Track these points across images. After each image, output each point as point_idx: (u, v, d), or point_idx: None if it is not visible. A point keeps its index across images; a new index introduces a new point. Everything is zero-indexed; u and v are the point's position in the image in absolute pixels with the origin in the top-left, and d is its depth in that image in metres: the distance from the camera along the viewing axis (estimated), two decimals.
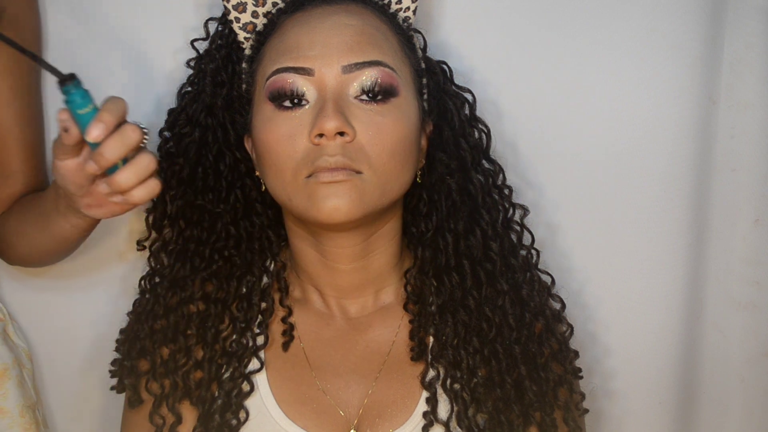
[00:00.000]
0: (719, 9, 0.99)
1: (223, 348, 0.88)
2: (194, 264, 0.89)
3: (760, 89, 1.00)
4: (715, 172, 1.03)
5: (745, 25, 0.99)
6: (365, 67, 0.80)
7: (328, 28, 0.81)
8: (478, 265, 0.88)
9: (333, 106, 0.78)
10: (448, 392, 0.86)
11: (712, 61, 1.00)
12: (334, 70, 0.79)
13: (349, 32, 0.81)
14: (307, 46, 0.81)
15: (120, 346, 0.91)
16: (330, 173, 0.78)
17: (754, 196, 1.03)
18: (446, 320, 0.87)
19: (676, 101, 1.01)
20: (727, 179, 1.03)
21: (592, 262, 1.05)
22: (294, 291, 0.92)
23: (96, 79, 0.96)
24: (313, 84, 0.80)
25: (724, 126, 1.01)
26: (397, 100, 0.81)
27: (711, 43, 1.00)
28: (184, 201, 0.90)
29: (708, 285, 1.06)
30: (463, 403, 0.85)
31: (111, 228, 1.01)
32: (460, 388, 0.86)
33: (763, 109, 1.00)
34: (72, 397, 1.05)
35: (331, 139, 0.77)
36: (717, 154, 1.02)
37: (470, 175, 0.90)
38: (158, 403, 0.87)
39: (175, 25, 0.97)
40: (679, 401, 1.07)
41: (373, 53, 0.80)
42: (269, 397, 0.87)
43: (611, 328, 1.06)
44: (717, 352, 1.07)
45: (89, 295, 1.04)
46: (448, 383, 0.86)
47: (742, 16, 0.99)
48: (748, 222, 1.03)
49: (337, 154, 0.78)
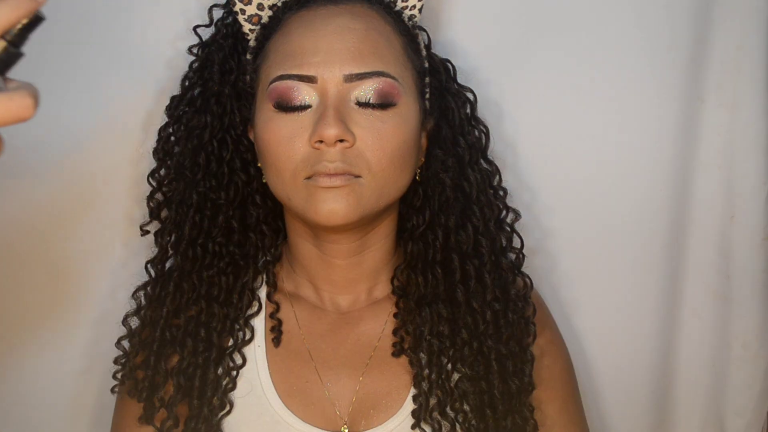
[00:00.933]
0: (710, 10, 1.00)
1: (219, 344, 0.89)
2: (195, 254, 0.89)
3: (748, 90, 1.02)
4: (702, 169, 1.05)
5: (735, 27, 1.00)
6: (366, 77, 0.80)
7: (332, 32, 0.81)
8: (467, 260, 0.89)
9: (334, 113, 0.78)
10: (432, 386, 0.87)
11: (702, 61, 1.02)
12: (336, 77, 0.80)
13: (352, 38, 0.81)
14: (310, 51, 0.81)
15: (131, 350, 0.91)
16: (329, 178, 0.79)
17: (732, 194, 1.05)
18: (423, 313, 0.88)
19: (669, 101, 1.03)
20: (711, 176, 1.05)
21: (580, 260, 1.07)
22: (286, 284, 0.94)
23: (96, 66, 0.97)
24: (315, 90, 0.80)
25: (712, 124, 1.03)
26: (397, 106, 0.82)
27: (702, 44, 1.02)
28: (185, 186, 0.90)
29: (688, 276, 1.09)
30: (447, 395, 0.87)
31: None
32: (442, 381, 0.87)
33: (751, 109, 1.02)
34: (70, 397, 1.06)
35: (331, 145, 0.78)
36: (703, 152, 1.05)
37: (466, 173, 0.91)
38: (167, 407, 0.88)
39: (176, 11, 0.96)
40: (656, 385, 1.11)
41: (375, 63, 0.81)
42: (270, 389, 0.89)
43: (599, 321, 1.09)
44: (693, 338, 1.10)
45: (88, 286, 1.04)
46: (433, 376, 0.87)
47: (732, 18, 1.00)
48: (725, 218, 1.06)
49: (337, 161, 0.79)
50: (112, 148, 0.99)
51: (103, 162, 0.99)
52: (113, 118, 0.98)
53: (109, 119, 0.99)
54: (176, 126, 0.92)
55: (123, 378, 0.90)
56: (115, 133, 0.99)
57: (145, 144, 0.97)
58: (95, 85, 0.98)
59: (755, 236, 1.05)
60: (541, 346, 0.93)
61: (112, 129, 0.99)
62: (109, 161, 0.99)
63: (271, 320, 0.91)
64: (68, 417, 1.05)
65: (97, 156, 0.99)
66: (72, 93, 0.97)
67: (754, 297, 1.07)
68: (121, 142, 0.99)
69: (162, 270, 0.91)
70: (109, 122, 0.99)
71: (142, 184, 0.94)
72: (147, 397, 0.88)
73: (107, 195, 1.00)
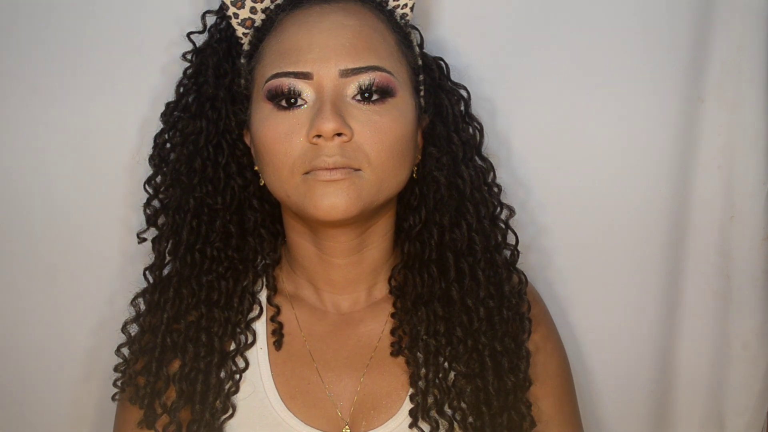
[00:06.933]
0: (710, 11, 1.00)
1: (221, 348, 0.89)
2: (194, 260, 0.89)
3: (748, 90, 1.01)
4: (701, 169, 1.05)
5: (735, 27, 1.00)
6: (362, 72, 0.80)
7: (327, 29, 0.81)
8: (462, 258, 0.89)
9: (331, 108, 0.78)
10: (429, 385, 0.87)
11: (702, 61, 1.01)
12: (331, 73, 0.80)
13: (347, 34, 0.81)
14: (305, 48, 0.81)
15: (131, 357, 0.91)
16: (328, 172, 0.79)
17: (732, 194, 1.05)
18: (419, 313, 0.89)
19: (667, 101, 1.02)
20: (711, 176, 1.05)
21: (575, 257, 1.07)
22: (287, 286, 0.94)
23: (90, 71, 0.97)
24: (311, 86, 0.80)
25: (712, 124, 1.03)
26: (394, 100, 0.82)
27: (702, 44, 1.01)
28: (181, 192, 0.90)
29: (688, 276, 1.09)
30: (444, 394, 0.87)
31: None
32: (438, 380, 0.87)
33: (751, 109, 1.02)
34: (70, 404, 1.06)
35: (329, 140, 0.78)
36: (703, 152, 1.04)
37: (460, 170, 0.90)
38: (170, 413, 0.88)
39: (170, 18, 0.96)
40: (656, 384, 1.11)
41: (370, 58, 0.81)
42: (272, 391, 0.89)
43: (596, 320, 1.09)
44: (693, 338, 1.10)
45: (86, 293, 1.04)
46: (430, 376, 0.88)
47: (732, 18, 0.99)
48: (725, 218, 1.05)
49: (336, 155, 0.78)
50: (107, 156, 0.99)
51: (98, 170, 0.99)
52: (108, 126, 0.98)
53: (104, 127, 0.99)
54: (171, 132, 0.92)
55: (123, 385, 0.90)
56: (110, 141, 0.99)
57: (140, 151, 0.97)
58: (89, 93, 0.97)
59: (755, 236, 1.05)
60: (537, 342, 0.94)
61: (107, 137, 0.98)
62: (104, 169, 0.99)
63: (272, 323, 0.91)
64: (69, 424, 1.06)
65: (92, 164, 0.99)
66: (66, 102, 0.97)
67: (754, 297, 1.07)
68: (116, 150, 0.99)
69: (161, 276, 0.91)
70: (104, 130, 0.99)
71: (139, 192, 0.93)
72: (149, 403, 0.88)
73: (103, 203, 1.00)
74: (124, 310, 0.93)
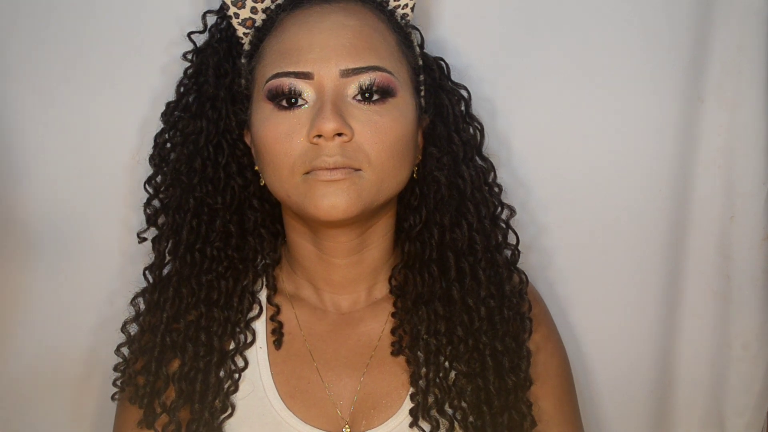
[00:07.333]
0: (710, 11, 1.00)
1: (221, 348, 0.89)
2: (193, 259, 0.89)
3: (748, 90, 1.01)
4: (701, 169, 1.05)
5: (735, 27, 1.00)
6: (363, 72, 0.80)
7: (327, 29, 0.81)
8: (462, 257, 0.89)
9: (331, 108, 0.78)
10: (430, 384, 0.88)
11: (702, 61, 1.01)
12: (332, 73, 0.80)
13: (347, 34, 0.81)
14: (306, 48, 0.81)
15: (130, 357, 0.91)
16: (329, 172, 0.79)
17: (732, 194, 1.05)
18: (420, 312, 0.89)
19: (667, 101, 1.02)
20: (711, 176, 1.05)
21: (575, 257, 1.07)
22: (287, 286, 0.94)
23: (90, 71, 0.97)
24: (312, 86, 0.81)
25: (712, 124, 1.03)
26: (394, 100, 0.82)
27: (702, 44, 1.01)
28: (181, 191, 0.90)
29: (688, 276, 1.09)
30: (444, 393, 0.88)
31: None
32: (439, 380, 0.88)
33: (751, 109, 1.02)
34: (70, 404, 1.06)
35: (330, 139, 0.78)
36: (703, 152, 1.04)
37: (460, 170, 0.91)
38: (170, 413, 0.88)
39: (170, 18, 0.96)
40: (656, 384, 1.11)
41: (370, 58, 0.81)
42: (272, 390, 0.89)
43: (596, 320, 1.09)
44: (693, 338, 1.10)
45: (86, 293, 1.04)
46: (430, 375, 0.88)
47: (732, 18, 0.99)
48: (725, 218, 1.06)
49: (336, 155, 0.79)
50: (107, 156, 0.99)
51: (98, 170, 0.99)
52: (108, 126, 0.98)
53: (104, 127, 0.99)
54: (172, 132, 0.92)
55: (123, 385, 0.90)
56: (110, 141, 0.99)
57: (140, 151, 0.98)
58: (89, 93, 0.97)
59: (755, 236, 1.05)
60: (537, 341, 0.94)
61: (107, 137, 0.99)
62: (104, 169, 0.99)
63: (272, 323, 0.92)
64: (69, 424, 1.06)
65: (92, 164, 1.00)
66: (67, 102, 0.97)
67: (754, 297, 1.07)
68: (116, 150, 0.99)
69: (160, 276, 0.91)
70: (104, 130, 0.99)
71: (139, 192, 0.93)
72: (148, 403, 0.88)
73: (103, 203, 1.00)
74: (124, 309, 0.93)
